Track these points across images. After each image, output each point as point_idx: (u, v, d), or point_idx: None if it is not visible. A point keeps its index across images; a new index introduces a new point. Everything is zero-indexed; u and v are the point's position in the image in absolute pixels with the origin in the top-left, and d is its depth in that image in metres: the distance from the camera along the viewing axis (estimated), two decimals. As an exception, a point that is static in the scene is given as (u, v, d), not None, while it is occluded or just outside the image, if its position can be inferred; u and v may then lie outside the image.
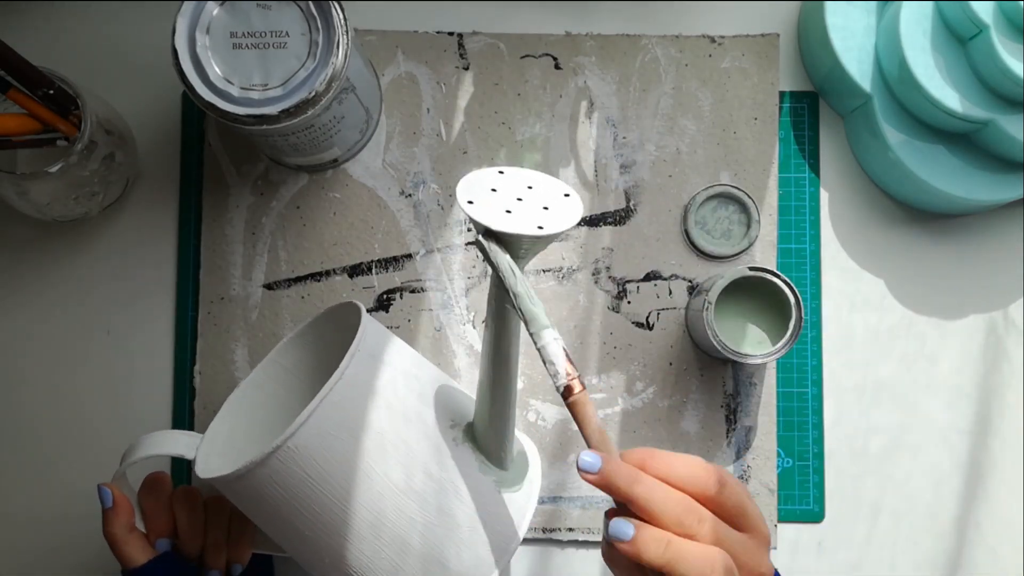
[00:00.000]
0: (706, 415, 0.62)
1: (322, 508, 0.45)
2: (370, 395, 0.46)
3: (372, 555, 0.46)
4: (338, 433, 0.45)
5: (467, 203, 0.42)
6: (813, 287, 0.63)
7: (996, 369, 0.63)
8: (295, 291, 0.63)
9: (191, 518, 0.52)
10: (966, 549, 0.62)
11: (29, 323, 0.63)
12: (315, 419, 0.44)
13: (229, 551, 0.53)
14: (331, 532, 0.46)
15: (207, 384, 0.62)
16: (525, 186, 0.44)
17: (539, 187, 0.44)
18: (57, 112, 0.55)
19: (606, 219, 0.63)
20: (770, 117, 0.63)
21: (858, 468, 0.62)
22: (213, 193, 0.63)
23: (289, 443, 0.44)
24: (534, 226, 0.41)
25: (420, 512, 0.46)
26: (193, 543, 0.53)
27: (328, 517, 0.46)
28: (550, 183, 0.45)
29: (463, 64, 0.64)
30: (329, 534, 0.46)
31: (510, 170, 0.45)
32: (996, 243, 0.64)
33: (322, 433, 0.44)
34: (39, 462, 0.62)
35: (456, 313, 0.62)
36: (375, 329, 0.50)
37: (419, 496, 0.46)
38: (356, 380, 0.46)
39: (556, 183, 0.45)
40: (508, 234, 0.40)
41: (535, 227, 0.41)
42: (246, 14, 0.51)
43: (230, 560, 0.53)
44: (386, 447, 0.46)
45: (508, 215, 0.41)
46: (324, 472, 0.45)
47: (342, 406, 0.45)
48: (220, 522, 0.53)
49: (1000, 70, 0.54)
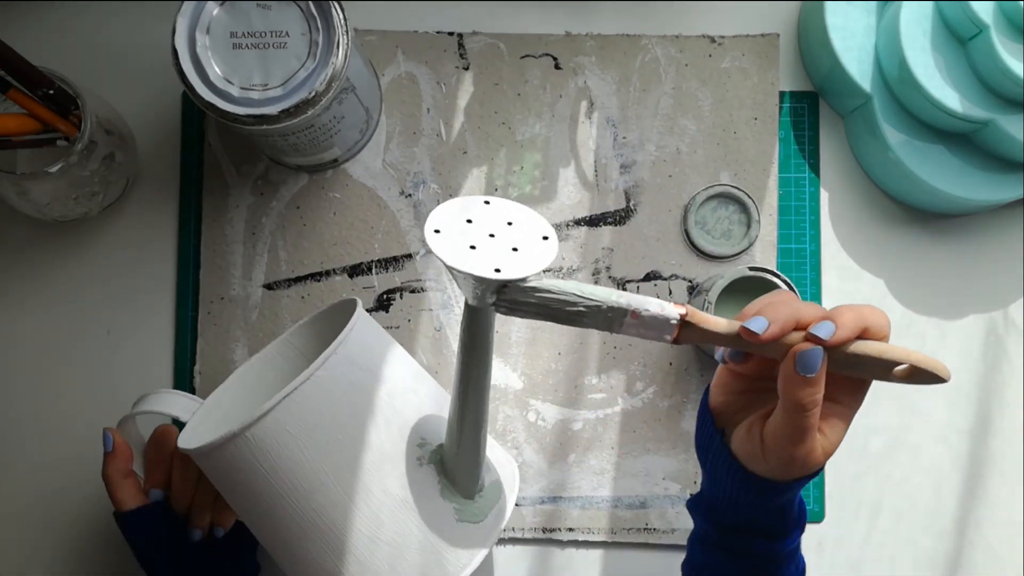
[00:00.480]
0: (706, 415, 0.62)
1: (272, 502, 0.46)
2: (339, 400, 0.47)
3: (316, 556, 0.47)
4: (296, 432, 0.45)
5: (433, 231, 0.40)
6: (813, 287, 0.63)
7: (996, 369, 0.63)
8: (295, 291, 0.63)
9: (184, 476, 0.55)
10: (966, 549, 0.62)
11: (29, 323, 0.63)
12: (275, 413, 0.45)
13: (214, 514, 0.55)
14: (280, 526, 0.47)
15: (207, 384, 0.62)
16: (505, 222, 0.42)
17: (520, 225, 0.42)
18: (57, 112, 0.55)
19: (606, 219, 0.63)
20: (770, 117, 0.63)
21: (858, 468, 0.62)
22: (213, 193, 0.63)
23: (247, 433, 0.45)
24: (491, 268, 0.39)
25: (368, 525, 0.46)
26: (182, 499, 0.55)
27: (279, 512, 0.47)
28: (533, 222, 0.43)
29: (463, 64, 0.64)
30: (277, 528, 0.47)
31: (497, 202, 0.43)
32: (996, 243, 0.64)
33: (279, 429, 0.45)
34: (39, 462, 0.62)
35: (456, 313, 0.62)
36: (366, 331, 0.50)
37: (370, 510, 0.46)
38: (327, 383, 0.46)
39: (540, 223, 0.43)
40: (459, 272, 0.39)
41: (491, 269, 0.39)
42: (246, 14, 0.51)
43: (214, 522, 0.56)
44: (344, 455, 0.46)
45: (471, 251, 0.40)
46: (276, 467, 0.46)
47: (306, 406, 0.46)
48: (210, 485, 0.55)
49: (1000, 70, 0.54)
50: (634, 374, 0.62)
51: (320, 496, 0.46)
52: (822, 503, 0.62)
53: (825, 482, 0.62)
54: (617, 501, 0.61)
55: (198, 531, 0.55)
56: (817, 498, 0.62)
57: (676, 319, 0.40)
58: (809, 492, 0.62)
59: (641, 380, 0.62)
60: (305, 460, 0.46)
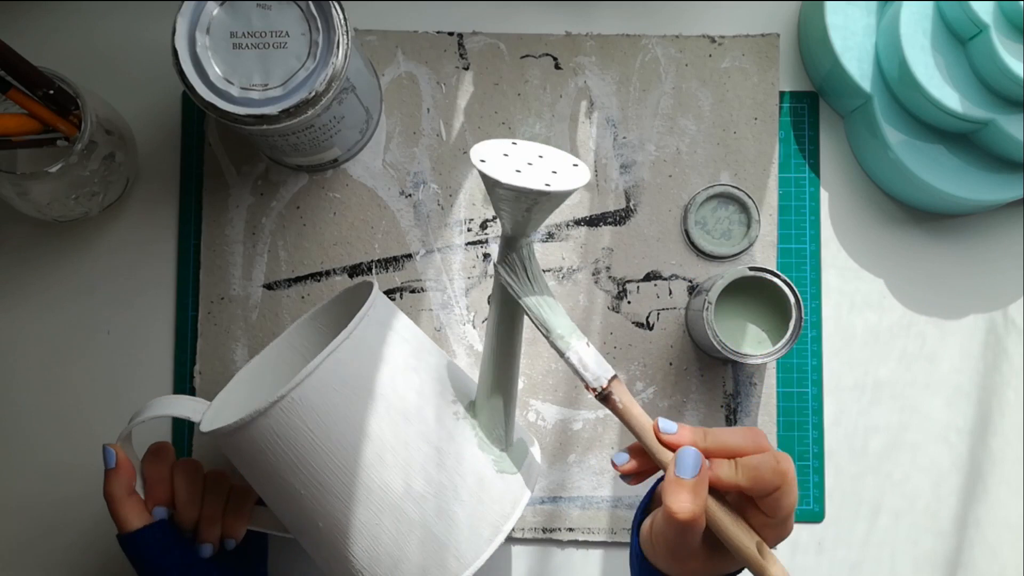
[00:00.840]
0: (706, 415, 0.62)
1: (320, 466, 0.46)
2: (376, 358, 0.48)
3: (366, 520, 0.47)
4: (341, 389, 0.46)
5: (480, 161, 0.43)
6: (813, 287, 0.63)
7: (996, 368, 0.63)
8: (295, 291, 0.63)
9: (190, 489, 0.53)
10: (966, 548, 0.62)
11: (29, 323, 0.63)
12: (320, 372, 0.45)
13: (224, 526, 0.54)
14: (328, 492, 0.47)
15: (207, 384, 0.62)
16: (536, 155, 0.46)
17: (549, 157, 0.46)
18: (57, 112, 0.55)
19: (606, 219, 0.63)
20: (770, 117, 0.63)
21: (858, 467, 0.62)
22: (213, 193, 0.63)
23: (293, 394, 0.45)
24: (542, 183, 0.42)
25: (419, 480, 0.47)
26: (189, 514, 0.53)
27: (325, 476, 0.46)
28: (559, 154, 0.46)
29: (463, 64, 0.64)
30: (325, 494, 0.47)
31: (522, 142, 0.47)
32: (996, 243, 0.64)
33: (326, 387, 0.45)
34: (38, 462, 0.62)
35: (456, 313, 0.62)
36: (385, 303, 0.51)
37: (418, 464, 0.47)
38: (364, 341, 0.47)
39: (565, 155, 0.46)
40: (516, 188, 0.41)
41: (543, 184, 0.42)
42: (246, 14, 0.51)
43: (224, 535, 0.54)
44: (387, 409, 0.47)
45: (518, 174, 0.43)
46: (325, 426, 0.46)
47: (347, 363, 0.46)
48: (218, 496, 0.54)
49: (1000, 70, 0.54)
50: (634, 374, 0.62)
51: (369, 451, 0.46)
52: (822, 503, 0.62)
53: (825, 482, 0.62)
54: (617, 501, 0.61)
55: (208, 546, 0.53)
56: (817, 498, 0.62)
57: (596, 387, 0.44)
58: (809, 492, 0.62)
59: (641, 380, 0.62)
60: (352, 415, 0.46)
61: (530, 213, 0.43)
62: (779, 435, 0.62)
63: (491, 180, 0.42)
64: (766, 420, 0.61)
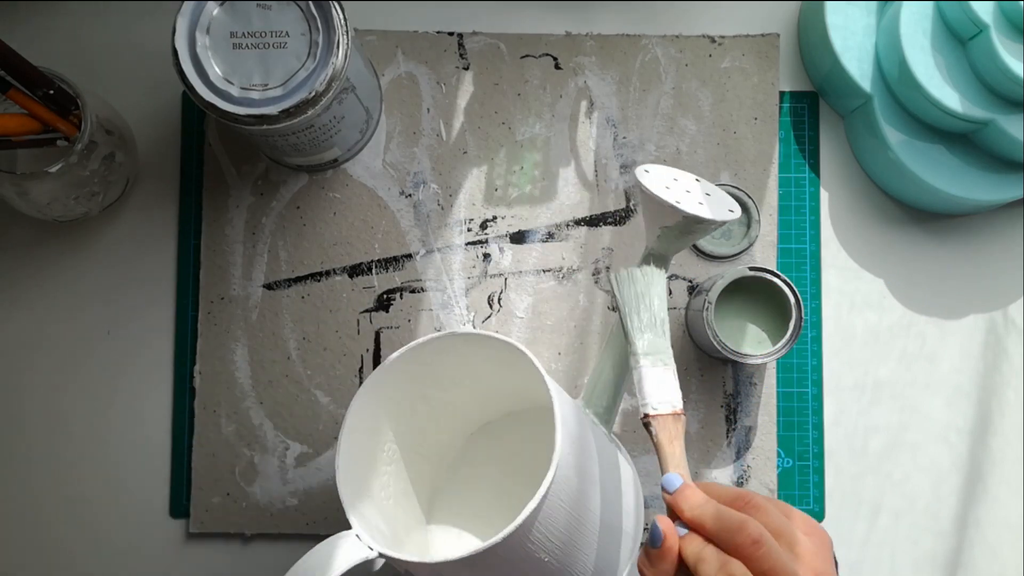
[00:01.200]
0: (706, 415, 0.62)
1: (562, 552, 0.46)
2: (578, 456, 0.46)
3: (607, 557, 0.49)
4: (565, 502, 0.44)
5: (697, 205, 0.49)
6: (813, 287, 0.63)
7: (996, 369, 0.63)
8: (295, 291, 0.63)
9: None
10: (966, 548, 0.62)
11: (29, 323, 0.63)
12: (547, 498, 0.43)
13: None
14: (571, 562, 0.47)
15: (207, 384, 0.62)
16: (686, 185, 0.52)
17: (683, 181, 0.52)
18: (57, 112, 0.55)
19: (606, 219, 0.63)
20: (770, 117, 0.63)
21: (858, 467, 0.62)
22: (213, 193, 0.63)
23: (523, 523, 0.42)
24: (725, 211, 0.49)
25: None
26: None
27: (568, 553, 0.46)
28: (689, 178, 0.53)
29: (463, 64, 0.64)
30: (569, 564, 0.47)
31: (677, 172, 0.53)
32: (996, 243, 0.64)
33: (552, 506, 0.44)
34: (38, 462, 0.62)
35: (456, 313, 0.62)
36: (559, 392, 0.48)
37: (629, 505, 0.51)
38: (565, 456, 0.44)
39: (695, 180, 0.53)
40: (704, 219, 0.48)
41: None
42: (246, 14, 0.51)
43: None
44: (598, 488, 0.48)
45: (700, 206, 0.49)
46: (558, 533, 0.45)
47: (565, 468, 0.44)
48: None
49: (1000, 70, 0.54)
50: (634, 374, 0.62)
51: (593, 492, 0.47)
52: (822, 503, 0.62)
53: (825, 482, 0.62)
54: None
55: None
56: (817, 498, 0.62)
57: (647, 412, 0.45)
58: (809, 492, 0.62)
59: (641, 380, 0.62)
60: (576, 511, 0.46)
61: (692, 236, 0.50)
62: (779, 435, 0.62)
63: (708, 221, 0.48)
64: (766, 420, 0.61)
